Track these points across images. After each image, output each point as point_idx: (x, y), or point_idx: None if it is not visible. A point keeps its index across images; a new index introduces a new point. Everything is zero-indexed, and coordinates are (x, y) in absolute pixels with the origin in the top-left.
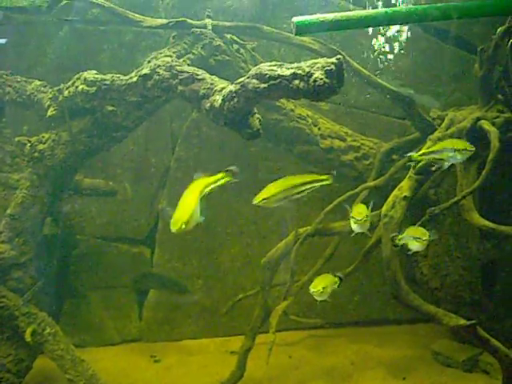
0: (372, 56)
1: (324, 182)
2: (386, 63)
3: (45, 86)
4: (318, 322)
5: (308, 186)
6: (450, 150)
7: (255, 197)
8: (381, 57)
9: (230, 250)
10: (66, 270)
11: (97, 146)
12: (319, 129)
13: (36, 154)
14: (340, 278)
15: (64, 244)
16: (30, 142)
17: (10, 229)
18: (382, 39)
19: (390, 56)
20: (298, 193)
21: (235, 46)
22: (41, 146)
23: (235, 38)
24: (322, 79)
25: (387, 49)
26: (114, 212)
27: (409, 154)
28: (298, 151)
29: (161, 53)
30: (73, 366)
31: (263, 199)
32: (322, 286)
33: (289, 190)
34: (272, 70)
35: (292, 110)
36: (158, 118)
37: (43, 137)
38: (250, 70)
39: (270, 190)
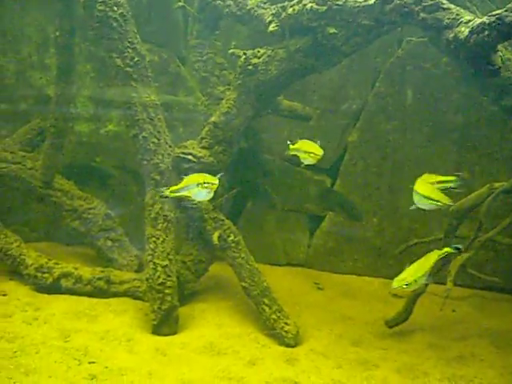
0: None
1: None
2: None
3: (265, 3)
4: (495, 280)
5: None
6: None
7: None
8: None
9: (410, 194)
10: (252, 186)
11: (311, 66)
12: None
13: (249, 67)
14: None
15: (253, 160)
16: (245, 54)
17: (212, 136)
18: None
19: None
20: None
21: None
22: (255, 60)
23: None
24: None
25: None
26: (305, 137)
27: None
28: (506, 104)
29: None
30: (250, 275)
31: None
32: None
33: None
34: None
35: (509, 60)
36: (363, 50)
37: (259, 51)
38: (474, 11)
39: None
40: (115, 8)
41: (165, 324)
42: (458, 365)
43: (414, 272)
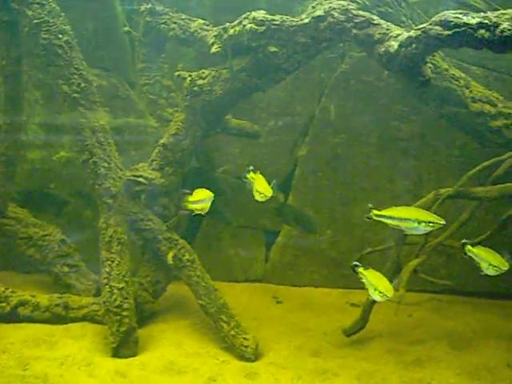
0: None
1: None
2: None
3: (208, 25)
4: (447, 284)
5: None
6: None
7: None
8: None
9: (362, 204)
10: None
11: (255, 85)
12: (470, 91)
13: (195, 89)
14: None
15: (206, 179)
16: (190, 76)
17: (162, 158)
18: None
19: None
20: None
21: None
22: (200, 82)
23: None
24: (509, 30)
25: None
26: (255, 154)
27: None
28: (446, 112)
29: None
30: (206, 293)
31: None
32: None
33: None
34: (458, 17)
35: (446, 70)
36: (307, 66)
37: (203, 72)
38: (409, 25)
39: None
40: (60, 35)
41: (124, 346)
42: (416, 368)
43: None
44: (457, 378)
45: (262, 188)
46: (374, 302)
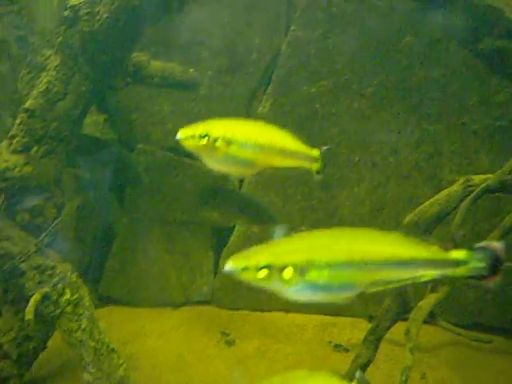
0: None
1: None
2: None
3: None
4: (483, 337)
5: None
6: None
7: None
8: None
9: (353, 188)
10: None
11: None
12: None
13: (67, 13)
14: None
15: (118, 156)
16: None
17: (27, 131)
18: None
19: None
20: None
21: None
22: (74, 1)
23: None
24: None
25: None
26: (194, 114)
27: None
28: (486, 47)
29: None
30: (96, 359)
31: None
32: None
33: None
34: None
35: None
36: None
37: None
38: None
39: None
40: None
41: None
42: None
43: None
44: None
45: None
46: (368, 363)
